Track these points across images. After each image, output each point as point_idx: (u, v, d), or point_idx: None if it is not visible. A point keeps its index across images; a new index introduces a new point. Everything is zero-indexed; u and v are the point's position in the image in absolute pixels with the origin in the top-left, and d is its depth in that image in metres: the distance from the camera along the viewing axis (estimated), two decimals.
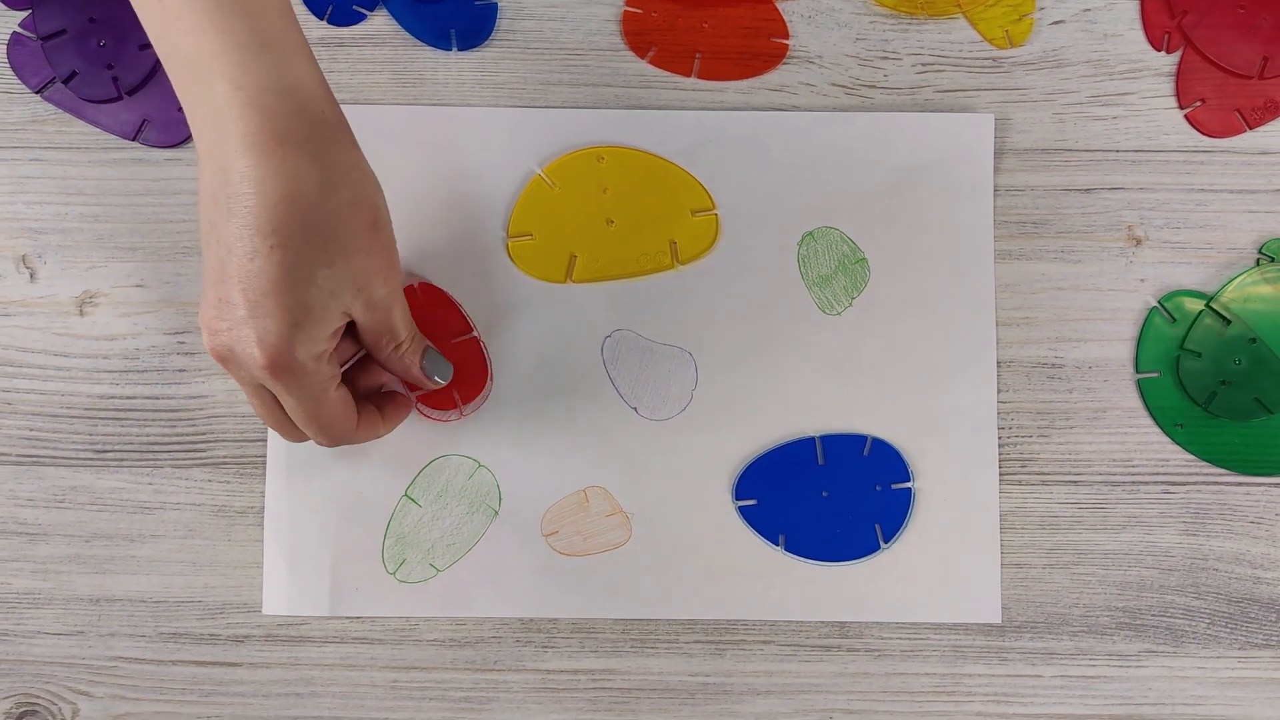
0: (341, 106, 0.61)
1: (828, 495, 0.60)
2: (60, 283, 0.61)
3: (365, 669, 0.59)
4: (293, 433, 0.53)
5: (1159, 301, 0.60)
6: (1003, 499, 0.60)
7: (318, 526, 0.59)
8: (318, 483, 0.59)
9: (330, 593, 0.59)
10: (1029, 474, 0.60)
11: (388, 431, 0.57)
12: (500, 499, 0.60)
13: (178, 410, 0.60)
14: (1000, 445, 0.60)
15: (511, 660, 0.59)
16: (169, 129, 0.61)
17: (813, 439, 0.60)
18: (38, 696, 0.59)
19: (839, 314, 0.61)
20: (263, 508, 0.59)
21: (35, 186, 0.61)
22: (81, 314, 0.61)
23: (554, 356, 0.60)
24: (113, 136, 0.61)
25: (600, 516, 0.59)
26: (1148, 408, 0.60)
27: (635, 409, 0.60)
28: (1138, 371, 0.60)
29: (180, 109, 0.49)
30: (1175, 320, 0.60)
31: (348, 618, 0.59)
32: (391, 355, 0.53)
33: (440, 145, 0.61)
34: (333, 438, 0.52)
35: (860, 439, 0.60)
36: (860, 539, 0.59)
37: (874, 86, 0.62)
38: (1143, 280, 0.61)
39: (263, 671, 0.59)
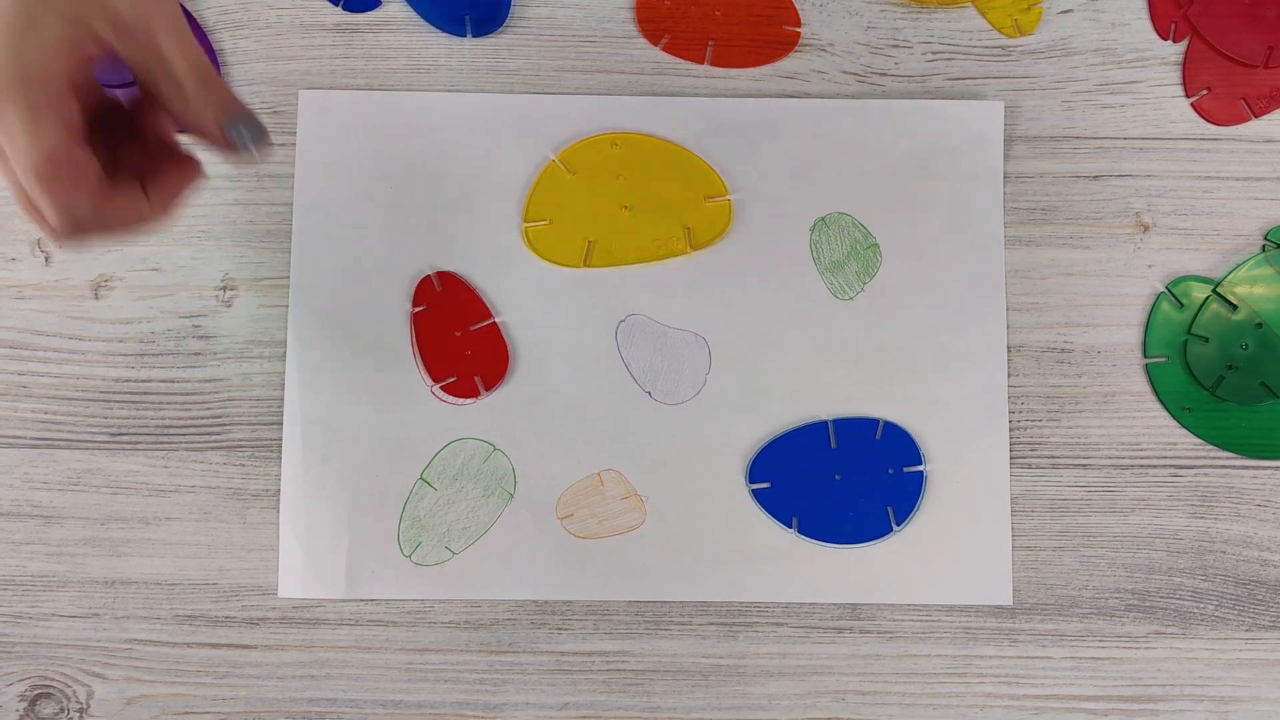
0: (356, 93, 0.62)
1: (840, 478, 0.60)
2: (75, 267, 0.61)
3: (380, 651, 0.59)
4: (20, 195, 0.42)
5: (1167, 287, 0.61)
6: (1013, 482, 0.60)
7: (333, 509, 0.59)
8: (333, 466, 0.60)
9: (345, 575, 0.59)
10: (1039, 457, 0.60)
11: (157, 215, 0.46)
12: (515, 482, 0.60)
13: (193, 394, 0.60)
14: (1011, 429, 0.60)
15: (526, 642, 0.60)
16: None
17: (825, 422, 0.60)
18: (52, 679, 0.59)
19: (851, 299, 0.61)
20: (278, 491, 0.60)
21: None
22: (96, 297, 0.61)
23: (569, 341, 0.61)
24: None
25: (615, 500, 0.60)
26: (1156, 392, 0.61)
27: (649, 393, 0.60)
28: (1146, 356, 0.61)
29: None
30: (1183, 305, 0.61)
31: (363, 600, 0.59)
32: (176, 102, 0.44)
33: (455, 132, 0.62)
34: (66, 209, 0.42)
35: (872, 423, 0.60)
36: (873, 521, 0.60)
37: (885, 74, 0.62)
38: (1150, 266, 0.61)
39: (278, 654, 0.59)
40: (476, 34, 0.62)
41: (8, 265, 0.61)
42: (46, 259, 0.61)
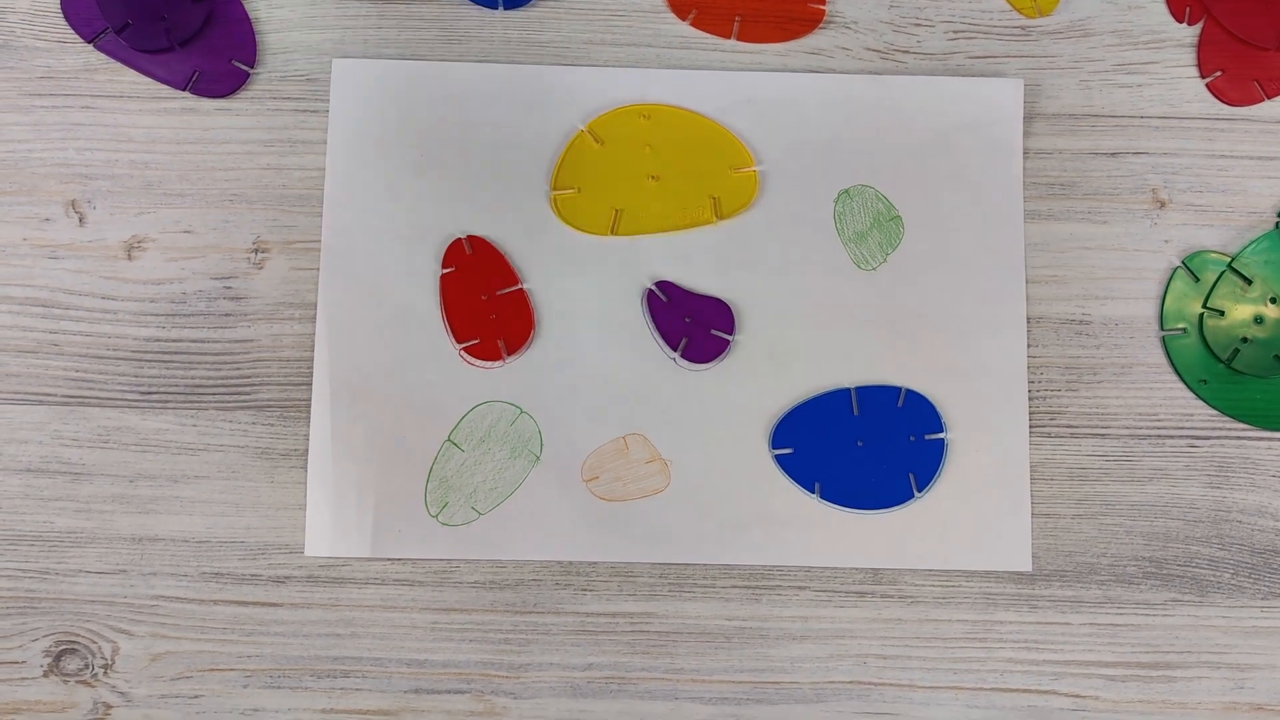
0: (389, 62, 0.63)
1: (863, 445, 0.61)
2: (109, 228, 0.62)
3: (405, 610, 0.60)
4: None
5: (1183, 261, 0.62)
6: (1032, 450, 0.61)
7: (361, 469, 0.60)
8: (361, 426, 0.60)
9: (372, 534, 0.60)
10: (1058, 426, 0.61)
11: None
12: (542, 445, 0.61)
13: (223, 354, 0.61)
14: (1030, 398, 0.61)
15: (550, 603, 0.60)
16: (220, 80, 0.62)
17: (848, 390, 0.61)
18: (78, 634, 0.59)
19: (874, 269, 0.62)
20: (306, 450, 0.60)
21: (86, 134, 0.62)
22: (130, 258, 0.61)
23: (596, 306, 0.62)
24: (164, 86, 0.63)
25: (639, 463, 0.60)
26: (1172, 364, 0.62)
27: (674, 359, 0.61)
28: (1163, 329, 0.62)
29: (232, 59, 0.48)
30: (1198, 280, 0.62)
31: (389, 560, 0.60)
32: None
33: (485, 102, 0.63)
34: None
35: (894, 390, 0.61)
36: (894, 488, 0.61)
37: (907, 52, 0.64)
38: (1167, 241, 0.63)
39: (303, 612, 0.60)
40: (508, 7, 0.64)
41: (41, 225, 0.61)
42: (80, 219, 0.62)
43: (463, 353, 0.61)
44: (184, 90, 0.62)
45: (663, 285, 0.62)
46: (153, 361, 0.61)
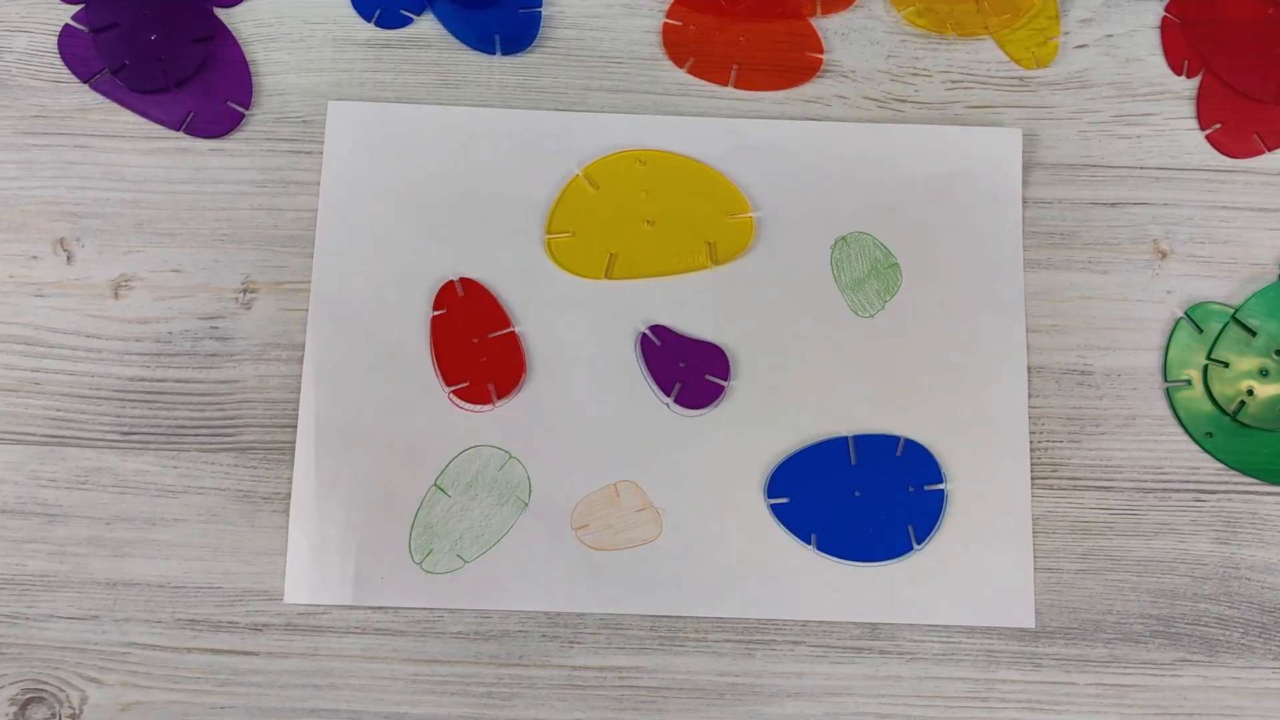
0: (384, 104, 0.63)
1: (860, 495, 0.59)
2: (97, 265, 0.61)
3: (386, 661, 0.58)
4: None
5: (1186, 312, 0.61)
6: (1035, 503, 0.59)
7: (344, 514, 0.58)
8: (346, 470, 0.59)
9: (354, 581, 0.58)
10: (1060, 479, 0.60)
11: None
12: (530, 491, 0.59)
13: (207, 394, 0.60)
14: (1032, 449, 0.60)
15: (537, 655, 0.58)
16: (215, 120, 0.62)
17: (845, 438, 0.60)
18: (46, 682, 0.57)
19: (871, 317, 0.61)
20: (289, 494, 0.59)
21: (79, 172, 0.62)
22: (116, 296, 0.61)
23: (589, 351, 0.60)
24: (158, 126, 0.62)
25: (631, 511, 0.59)
26: (1177, 416, 0.60)
27: (667, 404, 0.60)
28: (1166, 380, 0.61)
29: (227, 100, 0.48)
30: (1202, 331, 0.61)
31: (370, 608, 0.58)
32: None
33: (481, 145, 0.62)
34: None
35: (893, 440, 0.60)
36: (893, 540, 0.59)
37: (905, 100, 0.64)
38: (1169, 292, 0.62)
39: (281, 661, 0.58)
40: (506, 52, 0.64)
41: (28, 263, 0.61)
42: (69, 257, 0.61)
43: (452, 396, 0.60)
44: (178, 130, 0.62)
45: (657, 330, 0.61)
46: (135, 401, 0.60)
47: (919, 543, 0.59)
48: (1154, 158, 0.63)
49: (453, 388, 0.60)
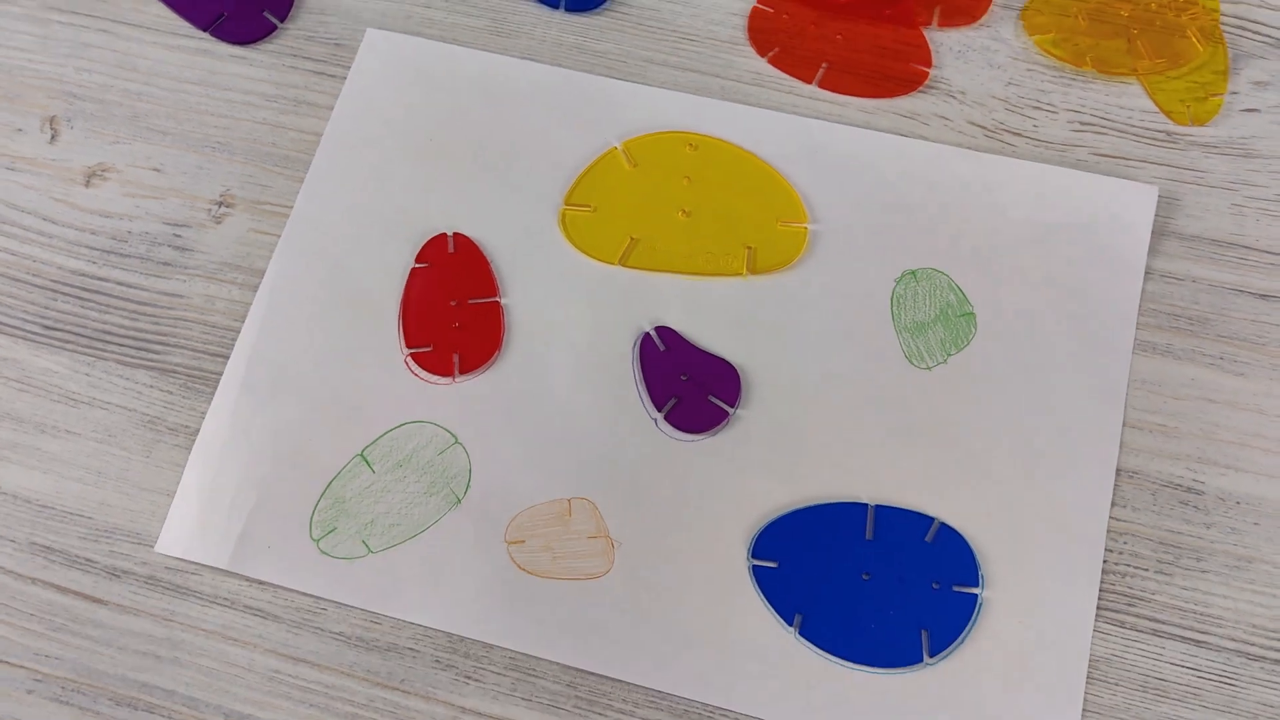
0: (423, 40, 0.56)
1: (869, 579, 0.46)
2: (78, 150, 0.55)
3: (247, 647, 0.47)
4: None
5: None
6: (1096, 640, 0.45)
7: (248, 464, 0.49)
8: (267, 416, 0.50)
9: (237, 543, 0.48)
10: (1138, 617, 0.45)
11: None
12: (469, 486, 0.48)
13: (145, 304, 0.52)
14: (1105, 572, 0.46)
15: (423, 684, 0.46)
16: (245, 27, 0.57)
17: (865, 505, 0.47)
18: None
19: (929, 369, 0.49)
20: (197, 430, 0.50)
21: (92, 55, 0.57)
22: (87, 185, 0.54)
23: (580, 340, 0.50)
24: (185, 24, 0.57)
25: (580, 536, 0.47)
26: None
27: (656, 420, 0.49)
28: None
29: (264, 10, 0.43)
30: None
31: (247, 579, 0.48)
32: None
33: (515, 99, 0.55)
34: None
35: (925, 520, 0.47)
36: (899, 644, 0.45)
37: (1019, 134, 0.53)
38: None
39: (129, 618, 0.47)
40: (570, 8, 0.56)
41: (11, 135, 0.56)
42: (53, 136, 0.55)
43: (409, 359, 0.50)
44: (205, 31, 0.57)
45: (663, 332, 0.50)
46: (69, 296, 0.52)
47: (932, 655, 0.45)
48: None
49: (412, 350, 0.50)
